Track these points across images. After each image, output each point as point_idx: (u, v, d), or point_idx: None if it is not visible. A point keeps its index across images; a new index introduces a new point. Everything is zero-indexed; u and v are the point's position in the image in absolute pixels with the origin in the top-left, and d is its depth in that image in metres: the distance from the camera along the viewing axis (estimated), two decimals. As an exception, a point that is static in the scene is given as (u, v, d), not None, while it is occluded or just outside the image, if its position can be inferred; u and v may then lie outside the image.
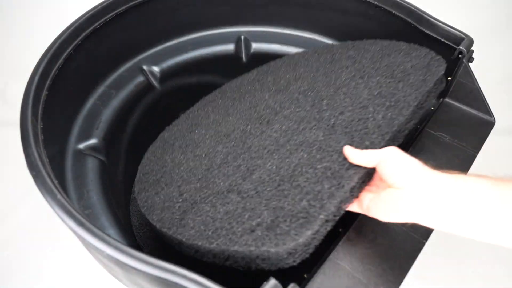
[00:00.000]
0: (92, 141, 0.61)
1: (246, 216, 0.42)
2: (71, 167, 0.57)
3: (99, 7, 0.61)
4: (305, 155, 0.46)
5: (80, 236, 0.37)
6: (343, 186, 0.41)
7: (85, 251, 0.49)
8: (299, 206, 0.41)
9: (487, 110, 0.57)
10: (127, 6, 0.64)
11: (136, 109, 0.71)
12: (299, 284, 0.38)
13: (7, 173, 0.98)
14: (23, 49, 1.08)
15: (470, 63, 0.60)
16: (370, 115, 0.49)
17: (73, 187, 0.55)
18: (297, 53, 0.71)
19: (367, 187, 0.42)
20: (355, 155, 0.38)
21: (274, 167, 0.46)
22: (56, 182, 0.41)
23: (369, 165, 0.38)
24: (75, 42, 0.57)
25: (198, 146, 0.56)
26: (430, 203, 0.32)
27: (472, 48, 0.60)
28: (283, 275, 0.46)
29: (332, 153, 0.46)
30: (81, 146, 0.59)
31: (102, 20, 0.61)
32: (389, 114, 0.49)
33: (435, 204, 0.32)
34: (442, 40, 0.62)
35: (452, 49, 0.61)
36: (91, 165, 0.58)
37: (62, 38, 0.55)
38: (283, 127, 0.52)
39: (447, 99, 0.58)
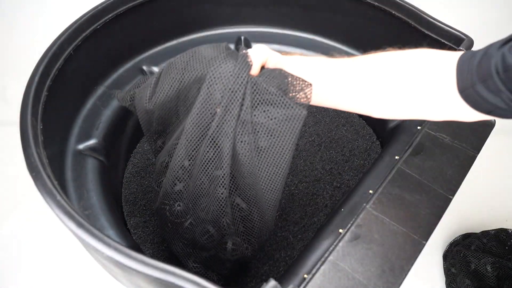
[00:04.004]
0: (92, 141, 0.61)
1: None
2: (71, 168, 0.57)
3: (99, 7, 0.61)
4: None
5: (79, 237, 0.37)
6: None
7: (85, 252, 0.50)
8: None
9: (487, 110, 0.56)
10: (126, 6, 0.64)
11: (136, 109, 0.71)
12: (299, 285, 0.38)
13: (7, 173, 0.98)
14: (23, 49, 1.08)
15: (470, 64, 0.60)
16: (321, 192, 0.66)
17: (73, 187, 0.55)
18: None
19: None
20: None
21: None
22: (56, 183, 0.41)
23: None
24: (75, 43, 0.57)
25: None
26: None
27: (472, 49, 0.60)
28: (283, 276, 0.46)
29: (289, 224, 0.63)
30: (81, 146, 0.59)
31: (102, 20, 0.61)
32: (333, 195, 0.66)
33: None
34: (442, 40, 0.62)
35: (452, 50, 0.61)
36: (91, 165, 0.58)
37: (62, 38, 0.55)
38: None
39: (447, 100, 0.58)
